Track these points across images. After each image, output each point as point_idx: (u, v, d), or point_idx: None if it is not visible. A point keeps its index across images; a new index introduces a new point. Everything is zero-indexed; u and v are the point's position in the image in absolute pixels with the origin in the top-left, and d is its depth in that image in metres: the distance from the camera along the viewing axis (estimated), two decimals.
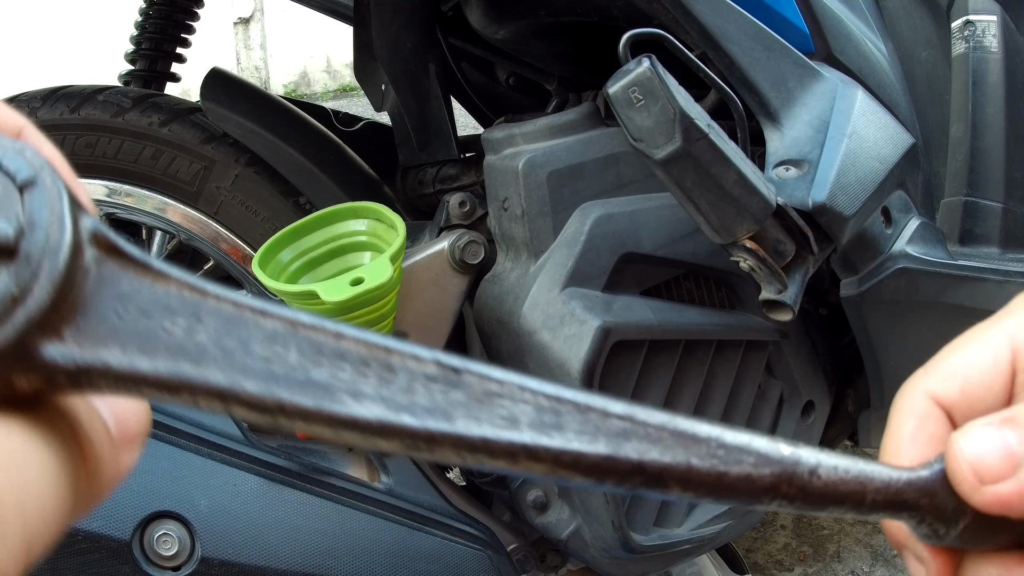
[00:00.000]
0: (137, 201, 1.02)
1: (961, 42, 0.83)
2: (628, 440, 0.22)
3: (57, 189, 0.19)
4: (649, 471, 0.22)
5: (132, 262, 0.20)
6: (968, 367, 0.28)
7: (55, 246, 0.18)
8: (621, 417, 0.22)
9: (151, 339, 0.19)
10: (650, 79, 0.61)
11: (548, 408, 0.21)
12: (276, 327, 0.20)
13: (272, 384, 0.20)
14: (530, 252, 0.81)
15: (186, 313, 0.20)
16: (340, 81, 5.73)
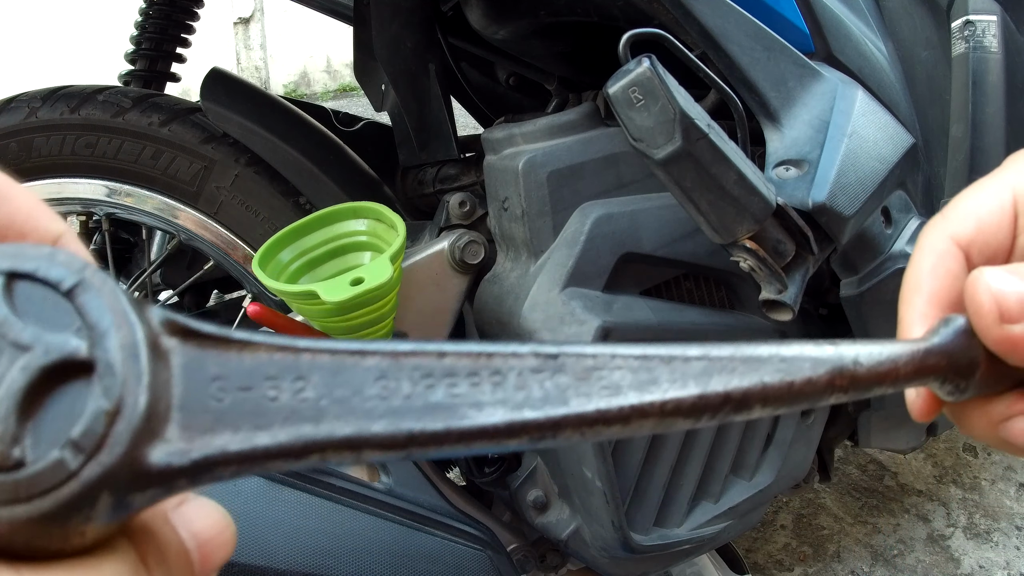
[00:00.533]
0: (137, 201, 1.02)
1: (961, 42, 0.83)
2: (711, 376, 0.24)
3: (109, 288, 0.18)
4: (735, 398, 0.24)
5: (213, 340, 0.19)
6: (979, 209, 0.31)
7: (131, 347, 0.17)
8: (699, 358, 0.24)
9: (261, 411, 0.19)
10: (650, 79, 0.61)
11: (640, 367, 0.23)
12: (379, 363, 0.20)
13: (397, 419, 0.20)
14: (530, 252, 0.81)
15: (286, 375, 0.19)
16: (340, 81, 5.73)
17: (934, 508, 1.47)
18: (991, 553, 1.36)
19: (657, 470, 0.84)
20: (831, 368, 0.25)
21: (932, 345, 0.28)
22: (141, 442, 0.17)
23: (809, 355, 0.25)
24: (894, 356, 0.27)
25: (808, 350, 0.25)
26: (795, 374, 0.25)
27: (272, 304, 0.97)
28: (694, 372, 0.24)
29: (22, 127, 1.00)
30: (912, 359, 0.27)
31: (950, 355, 0.28)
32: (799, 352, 0.25)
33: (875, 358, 0.26)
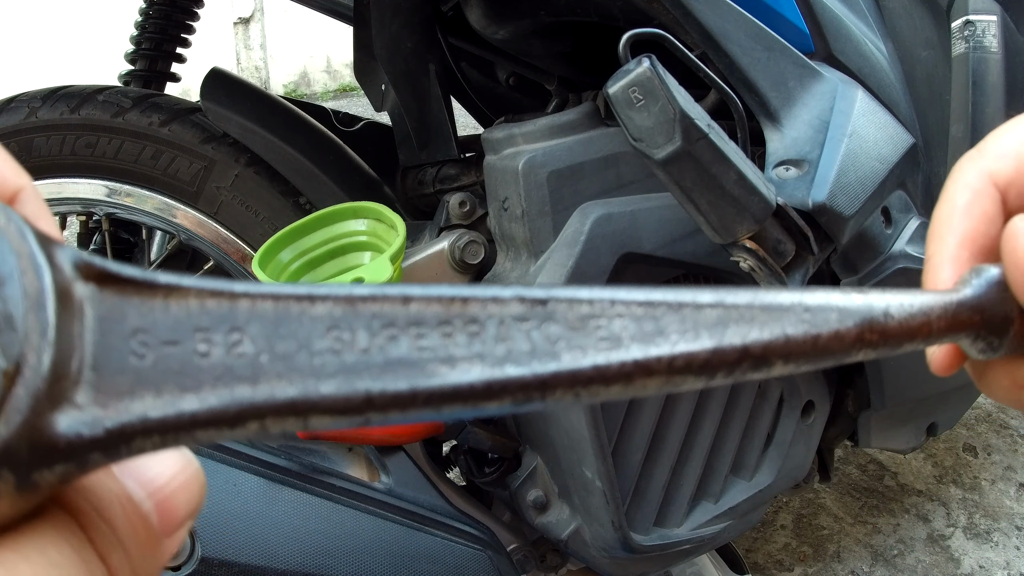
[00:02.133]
0: (137, 201, 1.02)
1: (961, 42, 0.83)
2: (727, 327, 0.21)
3: (16, 227, 0.15)
4: (754, 353, 0.21)
5: (135, 286, 0.16)
6: (1020, 147, 0.28)
7: (36, 295, 0.14)
8: (713, 305, 0.21)
9: (189, 370, 0.16)
10: (650, 79, 0.61)
11: (644, 316, 0.20)
12: (331, 311, 0.17)
13: (352, 378, 0.17)
14: (530, 252, 0.81)
15: (220, 326, 0.16)
16: (340, 81, 5.73)
17: (934, 508, 1.47)
18: (991, 553, 1.36)
19: (657, 470, 0.84)
20: (860, 320, 0.23)
21: (965, 297, 0.25)
22: (45, 409, 0.14)
23: (836, 304, 0.22)
24: (926, 308, 0.24)
25: (835, 299, 0.23)
26: (821, 326, 0.22)
27: None
28: (707, 322, 0.21)
29: (22, 127, 1.00)
30: (945, 312, 0.25)
31: (984, 310, 0.25)
32: (825, 301, 0.22)
33: (906, 310, 0.24)
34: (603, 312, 0.19)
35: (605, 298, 0.20)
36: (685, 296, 0.21)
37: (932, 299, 0.25)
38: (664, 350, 0.20)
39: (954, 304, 0.25)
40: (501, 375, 0.18)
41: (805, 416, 0.95)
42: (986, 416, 1.71)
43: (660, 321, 0.20)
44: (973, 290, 0.25)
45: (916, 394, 0.95)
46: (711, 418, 0.87)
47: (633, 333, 0.20)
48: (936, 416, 1.04)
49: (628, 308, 0.20)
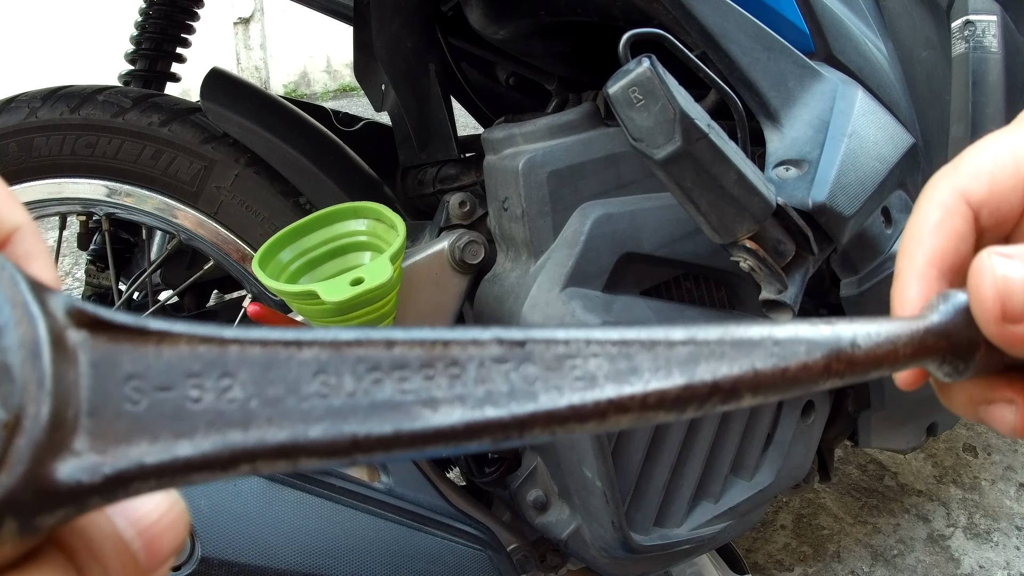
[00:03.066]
0: (137, 201, 1.02)
1: (961, 42, 0.83)
2: (698, 363, 0.22)
3: (9, 275, 0.15)
4: (724, 388, 0.22)
5: (127, 332, 0.17)
6: (993, 167, 0.28)
7: (32, 345, 0.15)
8: (685, 342, 0.22)
9: (182, 415, 0.16)
10: (650, 79, 0.61)
11: (618, 355, 0.21)
12: (318, 355, 0.18)
13: (338, 422, 0.17)
14: (530, 252, 0.81)
15: (211, 372, 0.17)
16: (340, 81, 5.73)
17: (934, 508, 1.47)
18: (991, 553, 1.36)
19: (657, 470, 0.84)
20: (828, 351, 0.24)
21: (931, 324, 0.26)
22: (46, 457, 0.15)
23: (804, 337, 0.23)
24: (892, 337, 0.25)
25: (803, 331, 0.23)
26: (789, 359, 0.23)
27: (272, 304, 0.97)
28: (679, 359, 0.21)
29: (22, 127, 1.00)
30: (911, 340, 0.25)
31: (950, 336, 0.26)
32: (794, 334, 0.23)
33: (873, 339, 0.24)
34: (579, 352, 0.20)
35: (580, 338, 0.20)
36: (658, 334, 0.22)
37: (899, 327, 0.25)
38: (637, 388, 0.21)
39: (920, 331, 0.26)
40: (481, 416, 0.18)
41: (805, 416, 0.95)
42: None
43: (634, 360, 0.21)
44: (940, 316, 0.26)
45: (916, 394, 0.95)
46: (711, 418, 0.87)
47: (607, 372, 0.20)
48: (936, 416, 1.04)
49: (603, 347, 0.21)
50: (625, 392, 0.20)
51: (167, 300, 1.24)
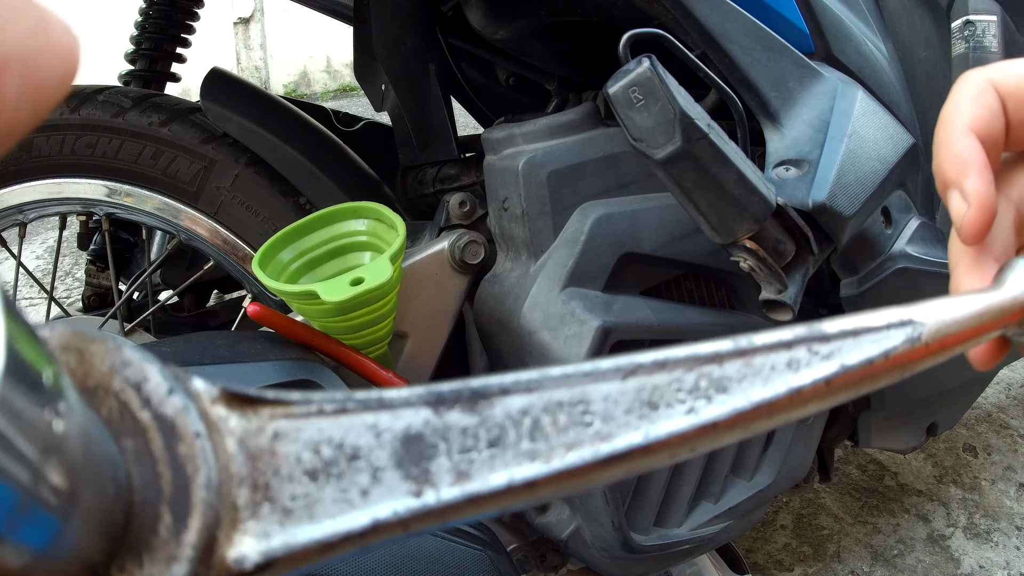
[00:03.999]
0: (137, 201, 1.02)
1: (961, 42, 0.83)
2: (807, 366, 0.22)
3: (148, 362, 0.16)
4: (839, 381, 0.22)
5: (270, 406, 0.17)
6: (1021, 70, 0.32)
7: (192, 439, 0.15)
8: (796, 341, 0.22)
9: (335, 490, 0.16)
10: (650, 79, 0.61)
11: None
12: (460, 417, 0.18)
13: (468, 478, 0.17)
14: (530, 252, 0.81)
15: (347, 442, 0.17)
16: (340, 81, 5.73)
17: (934, 508, 1.47)
18: (991, 553, 1.36)
19: (657, 470, 0.84)
20: (926, 330, 0.24)
21: (1004, 300, 0.26)
22: (217, 544, 0.15)
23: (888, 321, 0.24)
24: (977, 313, 0.25)
25: (883, 317, 0.24)
26: (883, 348, 0.23)
27: (272, 304, 0.97)
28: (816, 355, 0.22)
29: None
30: (992, 312, 0.26)
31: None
32: (876, 321, 0.24)
33: (958, 318, 0.25)
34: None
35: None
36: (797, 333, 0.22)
37: (980, 301, 0.26)
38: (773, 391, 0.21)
39: (1001, 304, 0.26)
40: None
41: None
42: (986, 416, 1.71)
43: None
44: (1015, 288, 0.27)
45: (916, 394, 0.95)
46: None
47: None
48: (936, 416, 1.04)
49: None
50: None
51: (167, 300, 1.24)
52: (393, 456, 0.17)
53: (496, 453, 0.17)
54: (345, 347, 0.80)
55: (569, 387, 0.18)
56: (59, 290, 2.42)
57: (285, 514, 0.16)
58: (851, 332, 0.23)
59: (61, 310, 1.13)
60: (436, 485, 0.17)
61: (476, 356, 0.96)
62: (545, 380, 0.18)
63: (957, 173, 0.30)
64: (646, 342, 0.79)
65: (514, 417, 0.17)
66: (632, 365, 0.19)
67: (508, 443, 0.17)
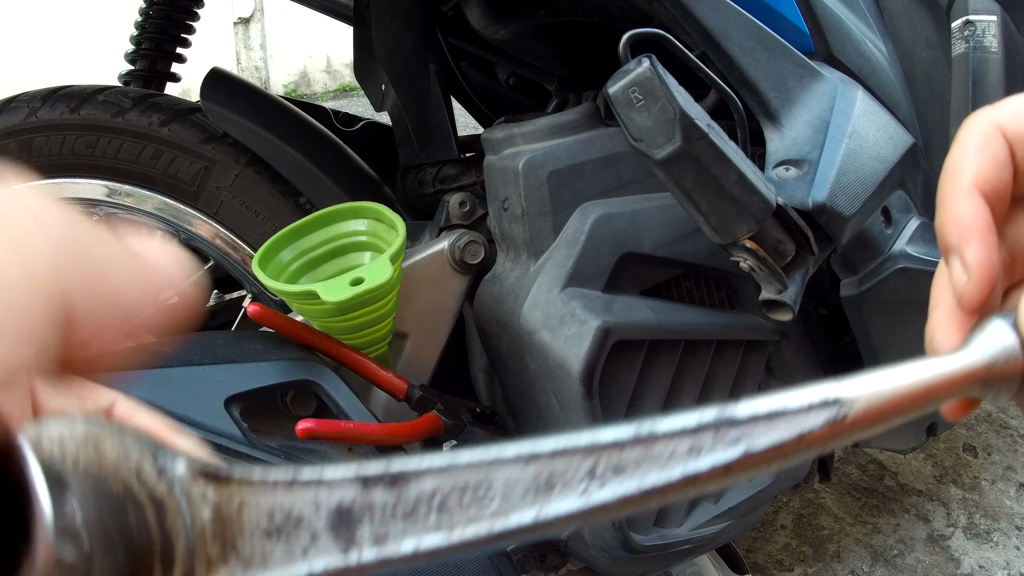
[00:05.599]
0: (137, 201, 1.02)
1: (961, 42, 0.83)
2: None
3: (132, 439, 0.20)
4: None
5: (238, 482, 0.21)
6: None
7: (175, 510, 0.19)
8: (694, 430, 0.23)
9: (294, 554, 0.20)
10: (650, 79, 0.60)
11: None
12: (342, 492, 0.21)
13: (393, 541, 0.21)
14: (530, 252, 0.81)
15: (311, 514, 0.21)
16: (340, 81, 5.73)
17: (934, 508, 1.47)
18: (991, 553, 1.36)
19: None
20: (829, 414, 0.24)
21: (974, 363, 0.26)
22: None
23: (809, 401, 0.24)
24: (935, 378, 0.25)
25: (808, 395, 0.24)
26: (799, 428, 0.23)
27: (272, 304, 0.97)
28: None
29: (22, 127, 1.00)
30: (952, 379, 0.26)
31: (993, 367, 0.26)
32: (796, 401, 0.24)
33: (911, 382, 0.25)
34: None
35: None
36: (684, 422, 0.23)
37: (937, 368, 0.26)
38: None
39: (962, 371, 0.26)
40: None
41: None
42: (986, 416, 1.71)
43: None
44: (982, 353, 0.26)
45: None
46: None
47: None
48: (936, 416, 1.04)
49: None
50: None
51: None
52: (328, 523, 0.21)
53: (408, 525, 0.21)
54: (345, 347, 0.80)
55: (474, 472, 0.21)
56: None
57: (246, 563, 0.20)
58: (764, 416, 0.23)
59: None
60: (360, 547, 0.21)
61: (476, 356, 0.96)
62: (454, 466, 0.21)
63: (959, 239, 0.29)
64: (646, 342, 0.79)
65: (426, 495, 0.21)
66: (533, 453, 0.21)
67: (419, 516, 0.21)
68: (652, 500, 0.22)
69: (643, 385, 0.81)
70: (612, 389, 0.78)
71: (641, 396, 0.81)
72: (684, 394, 0.84)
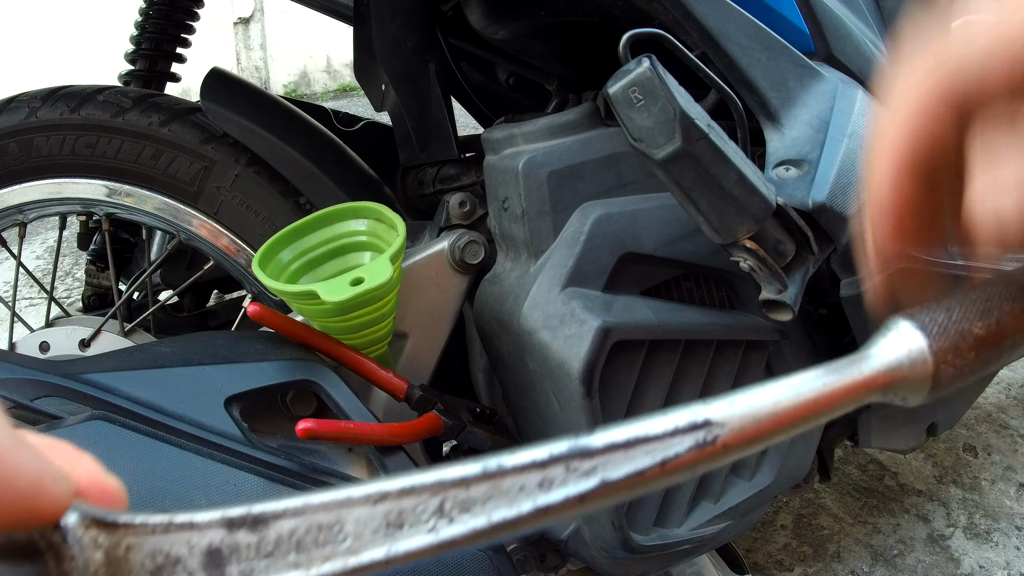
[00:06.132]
0: (137, 201, 1.02)
1: None
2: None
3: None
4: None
5: (128, 527, 0.22)
6: None
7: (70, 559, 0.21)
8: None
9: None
10: (650, 79, 0.61)
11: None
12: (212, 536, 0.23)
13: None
14: (530, 252, 0.81)
15: (187, 557, 0.22)
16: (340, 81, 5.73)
17: (934, 508, 1.47)
18: (991, 553, 1.36)
19: None
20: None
21: (875, 371, 0.25)
22: None
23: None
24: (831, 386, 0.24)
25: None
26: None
27: (272, 304, 0.97)
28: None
29: (22, 127, 1.00)
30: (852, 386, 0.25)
31: (895, 374, 0.25)
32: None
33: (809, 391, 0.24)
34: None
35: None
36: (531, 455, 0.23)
37: (837, 375, 0.24)
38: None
39: (864, 378, 0.25)
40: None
41: None
42: (986, 416, 1.71)
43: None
44: (884, 356, 0.25)
45: None
46: None
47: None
48: (936, 416, 1.04)
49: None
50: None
51: (167, 300, 1.24)
52: (201, 563, 0.22)
53: (270, 563, 0.22)
54: (345, 347, 0.80)
55: (328, 512, 0.23)
56: (59, 290, 2.42)
57: None
58: (621, 444, 0.23)
59: (61, 310, 1.13)
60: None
61: (476, 356, 0.96)
62: (309, 506, 0.23)
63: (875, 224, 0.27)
64: (646, 342, 0.79)
65: (284, 535, 0.23)
66: (381, 492, 0.23)
67: (279, 555, 0.22)
68: (505, 532, 0.22)
69: (643, 385, 0.81)
70: (612, 389, 0.78)
71: (641, 396, 0.81)
72: (684, 394, 0.84)
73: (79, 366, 0.74)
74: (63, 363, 0.75)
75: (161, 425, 0.71)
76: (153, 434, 0.69)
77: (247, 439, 0.73)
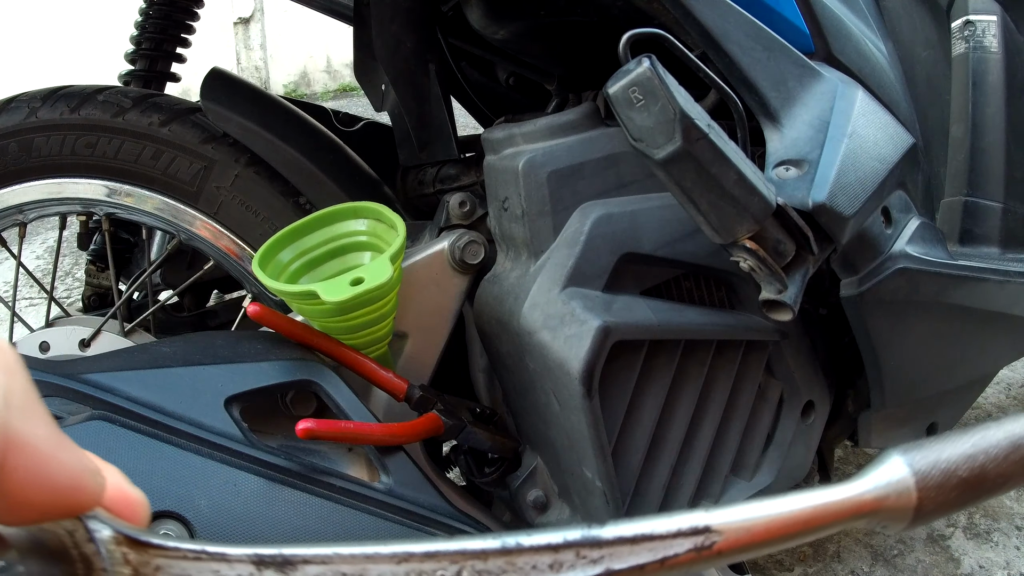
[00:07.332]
0: (137, 201, 1.02)
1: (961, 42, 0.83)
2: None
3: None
4: None
5: (153, 547, 0.23)
6: None
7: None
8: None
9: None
10: (650, 79, 0.60)
11: None
12: None
13: None
14: (530, 252, 0.81)
15: None
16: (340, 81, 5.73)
17: None
18: (991, 553, 1.36)
19: (657, 470, 0.84)
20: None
21: (863, 497, 0.26)
22: None
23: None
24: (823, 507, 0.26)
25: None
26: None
27: (272, 304, 0.97)
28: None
29: (22, 127, 1.00)
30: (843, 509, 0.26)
31: (882, 503, 0.26)
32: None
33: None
34: None
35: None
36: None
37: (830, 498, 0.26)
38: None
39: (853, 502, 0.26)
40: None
41: (805, 416, 0.95)
42: (986, 416, 1.71)
43: None
44: (873, 484, 0.26)
45: (916, 394, 0.95)
46: (711, 418, 0.87)
47: None
48: (936, 416, 1.04)
49: None
50: None
51: (167, 300, 1.24)
52: None
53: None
54: (345, 347, 0.80)
55: (354, 564, 0.23)
56: (59, 290, 2.42)
57: None
58: (628, 539, 0.24)
59: (61, 310, 1.13)
60: None
61: (476, 356, 0.96)
62: (337, 556, 0.24)
63: None
64: (646, 342, 0.79)
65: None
66: (406, 553, 0.23)
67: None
68: None
69: (643, 385, 0.81)
70: (612, 389, 0.78)
71: (641, 396, 0.81)
72: (684, 394, 0.84)
73: (79, 366, 0.74)
74: (63, 363, 0.75)
75: (161, 425, 0.71)
76: (153, 434, 0.69)
77: (247, 439, 0.73)
